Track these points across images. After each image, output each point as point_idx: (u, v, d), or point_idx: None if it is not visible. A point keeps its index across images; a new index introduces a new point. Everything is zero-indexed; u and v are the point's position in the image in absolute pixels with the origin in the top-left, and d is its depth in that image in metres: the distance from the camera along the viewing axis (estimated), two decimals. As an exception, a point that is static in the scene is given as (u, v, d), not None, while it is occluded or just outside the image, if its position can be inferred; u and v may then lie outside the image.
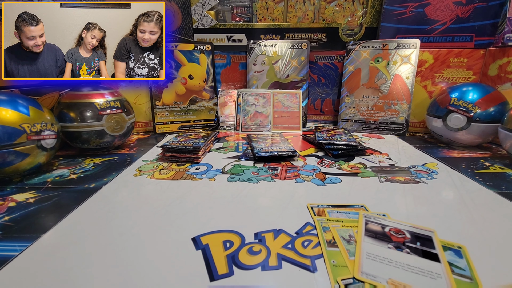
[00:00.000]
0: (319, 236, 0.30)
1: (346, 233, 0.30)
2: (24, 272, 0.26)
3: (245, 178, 0.46)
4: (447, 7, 0.74)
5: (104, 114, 0.56)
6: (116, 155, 0.58)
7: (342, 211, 0.35)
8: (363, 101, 0.79)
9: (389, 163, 0.53)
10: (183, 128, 0.79)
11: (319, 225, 0.31)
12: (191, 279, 0.25)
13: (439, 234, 0.30)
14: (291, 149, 0.55)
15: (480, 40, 0.74)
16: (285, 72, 0.84)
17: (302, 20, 0.87)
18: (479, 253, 0.27)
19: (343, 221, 0.32)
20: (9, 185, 0.44)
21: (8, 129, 0.41)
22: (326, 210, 0.35)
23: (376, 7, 0.81)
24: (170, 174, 0.48)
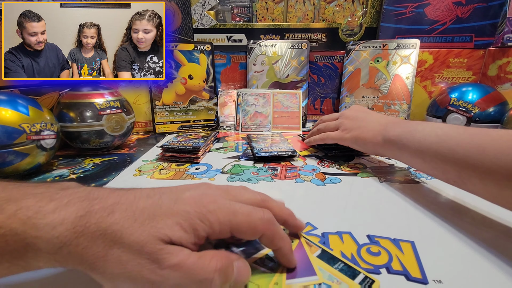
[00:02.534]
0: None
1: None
2: (24, 273, 0.26)
3: (245, 178, 0.46)
4: (446, 7, 0.74)
5: (104, 114, 0.55)
6: (116, 155, 0.58)
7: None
8: (363, 101, 0.79)
9: (389, 163, 0.53)
10: (183, 128, 0.79)
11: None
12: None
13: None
14: (291, 149, 0.55)
15: (479, 41, 0.74)
16: (285, 72, 0.84)
17: (302, 20, 0.87)
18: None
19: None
20: (8, 185, 0.44)
21: (7, 129, 0.41)
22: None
23: (376, 7, 0.81)
24: (170, 174, 0.48)
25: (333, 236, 0.30)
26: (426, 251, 0.28)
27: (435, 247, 0.29)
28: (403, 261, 0.26)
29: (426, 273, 0.25)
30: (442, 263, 0.26)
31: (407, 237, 0.30)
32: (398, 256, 0.27)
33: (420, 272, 0.25)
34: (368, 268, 0.26)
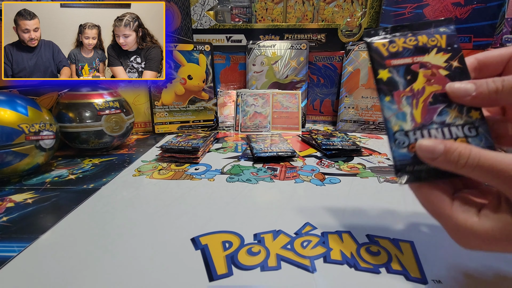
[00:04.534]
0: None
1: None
2: (23, 273, 0.26)
3: (244, 179, 0.46)
4: (445, 8, 0.75)
5: (103, 114, 0.55)
6: (115, 155, 0.58)
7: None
8: (362, 101, 0.79)
9: (388, 163, 0.53)
10: (182, 128, 0.78)
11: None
12: (190, 279, 0.25)
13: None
14: (290, 149, 0.55)
15: (478, 41, 0.75)
16: (284, 72, 0.84)
17: (301, 20, 0.87)
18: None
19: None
20: (7, 185, 0.44)
21: (6, 129, 0.41)
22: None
23: (375, 8, 0.81)
24: (169, 174, 0.48)
25: (332, 236, 0.30)
26: (425, 251, 0.28)
27: (435, 247, 0.29)
28: (403, 261, 0.26)
29: (426, 273, 0.25)
30: (441, 263, 0.26)
31: (406, 237, 0.30)
32: (398, 256, 0.27)
33: (420, 272, 0.25)
34: (367, 268, 0.26)
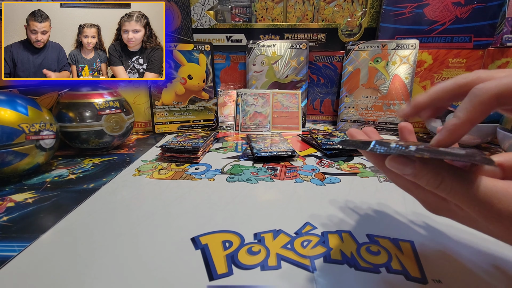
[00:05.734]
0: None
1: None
2: (23, 272, 0.26)
3: (244, 178, 0.46)
4: (446, 7, 0.74)
5: (103, 114, 0.55)
6: (115, 155, 0.58)
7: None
8: (362, 101, 0.79)
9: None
10: (182, 128, 0.78)
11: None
12: (190, 278, 0.25)
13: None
14: (291, 149, 0.55)
15: (479, 41, 0.74)
16: (284, 72, 0.84)
17: (302, 20, 0.87)
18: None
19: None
20: (7, 185, 0.44)
21: (6, 129, 0.41)
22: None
23: (375, 7, 0.81)
24: (169, 174, 0.48)
25: (333, 235, 0.30)
26: (425, 250, 0.28)
27: (435, 246, 0.29)
28: (403, 261, 0.26)
29: (426, 273, 0.25)
30: (441, 262, 0.26)
31: (406, 236, 0.30)
32: (398, 255, 0.27)
33: (419, 272, 0.25)
34: (367, 267, 0.26)
